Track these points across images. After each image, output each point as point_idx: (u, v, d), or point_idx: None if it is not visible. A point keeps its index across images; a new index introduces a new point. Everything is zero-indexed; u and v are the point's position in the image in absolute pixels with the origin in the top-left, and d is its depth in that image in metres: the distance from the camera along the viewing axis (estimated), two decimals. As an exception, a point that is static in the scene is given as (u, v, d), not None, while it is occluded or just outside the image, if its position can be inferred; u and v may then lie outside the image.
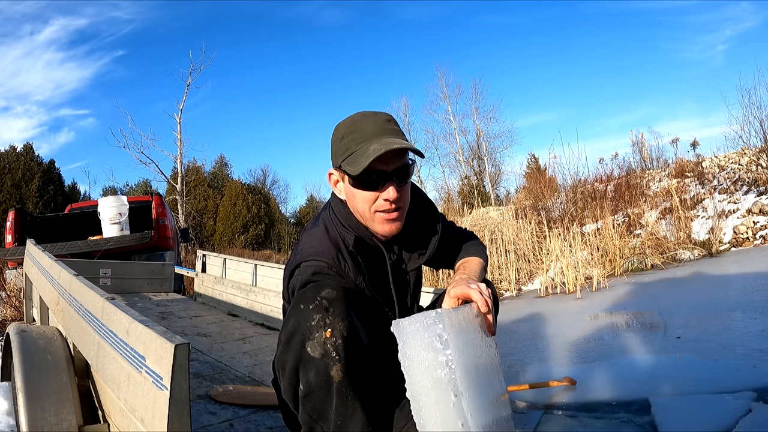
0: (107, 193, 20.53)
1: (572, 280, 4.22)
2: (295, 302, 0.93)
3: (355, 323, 0.91)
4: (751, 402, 1.46)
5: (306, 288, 0.96)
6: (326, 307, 0.89)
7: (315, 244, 1.06)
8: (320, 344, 0.87)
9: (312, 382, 0.89)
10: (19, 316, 4.09)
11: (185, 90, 16.24)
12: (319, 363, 0.88)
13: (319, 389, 0.89)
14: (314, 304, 0.89)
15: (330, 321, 0.88)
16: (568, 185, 7.64)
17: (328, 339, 0.87)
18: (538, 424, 1.61)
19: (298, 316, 0.91)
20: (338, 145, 1.03)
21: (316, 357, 0.87)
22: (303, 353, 0.89)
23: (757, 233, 4.86)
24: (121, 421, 0.96)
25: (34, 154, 17.96)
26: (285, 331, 0.94)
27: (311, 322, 0.88)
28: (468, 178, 19.76)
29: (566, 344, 2.47)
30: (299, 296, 0.94)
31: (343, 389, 0.88)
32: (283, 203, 25.35)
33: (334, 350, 0.87)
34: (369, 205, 1.03)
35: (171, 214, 5.45)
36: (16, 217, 4.73)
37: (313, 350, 0.88)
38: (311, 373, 0.89)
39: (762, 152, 6.02)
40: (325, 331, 0.87)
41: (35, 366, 1.28)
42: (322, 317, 0.88)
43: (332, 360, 0.87)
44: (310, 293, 0.92)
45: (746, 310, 2.47)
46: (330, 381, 0.88)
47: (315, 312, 0.89)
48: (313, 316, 0.88)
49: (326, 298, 0.90)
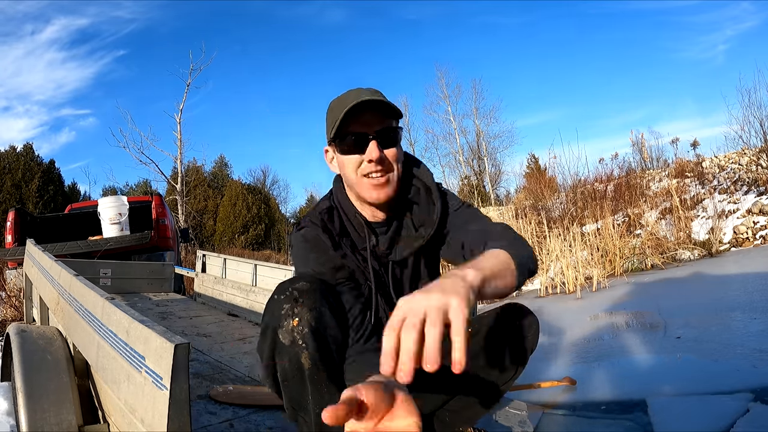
0: (107, 193, 20.54)
1: (572, 280, 4.22)
2: (273, 293, 0.96)
3: (324, 314, 0.93)
4: (751, 402, 1.46)
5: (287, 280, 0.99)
6: (296, 297, 0.92)
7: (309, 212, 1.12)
8: (288, 332, 0.90)
9: (287, 369, 0.92)
10: (19, 316, 4.09)
11: (185, 90, 16.29)
12: (290, 350, 0.91)
13: (293, 377, 0.92)
14: (285, 294, 0.93)
15: (298, 311, 0.91)
16: (568, 185, 7.64)
17: (295, 327, 0.90)
18: (538, 424, 1.61)
19: (271, 306, 0.94)
20: (327, 119, 1.04)
21: (287, 344, 0.90)
22: (276, 342, 0.92)
23: (757, 233, 4.87)
24: (121, 421, 0.96)
25: (34, 154, 17.97)
26: (263, 321, 0.97)
27: (281, 311, 0.91)
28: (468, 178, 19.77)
29: (566, 344, 2.47)
30: (277, 287, 0.97)
31: (314, 377, 0.91)
32: (283, 203, 25.39)
33: (301, 338, 0.90)
34: (355, 171, 1.00)
35: (171, 214, 5.45)
36: (16, 217, 4.73)
37: (283, 338, 0.91)
38: (284, 361, 0.92)
39: (762, 152, 6.02)
40: (293, 319, 0.90)
41: (35, 366, 1.28)
42: (291, 307, 0.91)
43: (300, 348, 0.90)
44: (286, 284, 0.96)
45: (746, 310, 2.46)
46: (301, 369, 0.91)
47: (285, 302, 0.92)
48: (283, 305, 0.92)
49: (297, 289, 0.93)
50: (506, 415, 1.68)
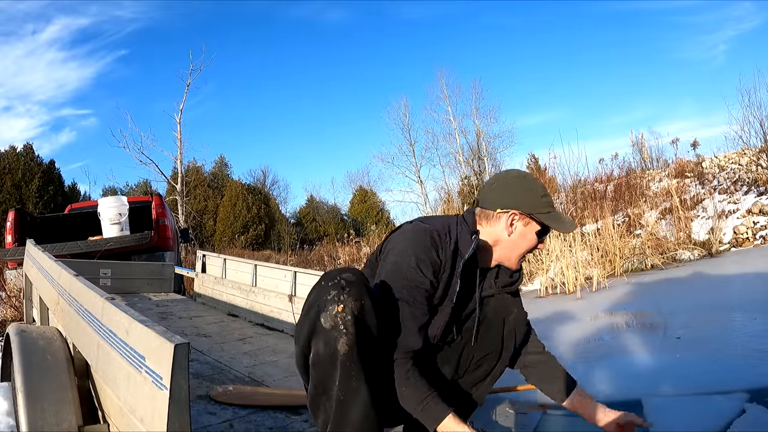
0: (107, 193, 20.52)
1: (572, 280, 4.22)
2: (320, 279, 1.04)
3: (367, 306, 1.00)
4: (751, 402, 1.46)
5: (335, 269, 1.06)
6: (343, 285, 0.98)
7: (433, 220, 1.23)
8: (331, 317, 0.97)
9: (320, 351, 0.98)
10: (19, 316, 4.09)
11: (185, 90, 16.27)
12: (329, 334, 0.97)
13: (326, 359, 0.98)
14: (333, 281, 1.00)
15: (344, 298, 0.97)
16: (568, 185, 7.63)
17: (339, 313, 0.97)
18: (538, 424, 1.61)
19: (318, 290, 1.01)
20: (536, 199, 1.22)
21: (327, 328, 0.97)
22: (317, 323, 0.98)
23: (757, 233, 4.86)
24: (121, 421, 0.96)
25: (34, 154, 17.95)
26: (306, 303, 1.04)
27: (327, 296, 0.98)
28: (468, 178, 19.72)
29: (566, 344, 2.47)
30: (324, 274, 1.06)
31: (347, 363, 0.96)
32: (283, 203, 25.26)
33: (342, 324, 0.96)
34: (526, 246, 1.24)
35: (171, 215, 5.45)
36: (16, 217, 4.73)
37: (324, 321, 0.97)
38: (321, 343, 0.98)
39: (762, 152, 6.02)
40: (338, 305, 0.97)
41: (35, 366, 1.28)
42: (337, 293, 0.98)
43: (340, 332, 0.96)
44: (334, 272, 1.03)
45: (746, 310, 2.46)
46: (335, 353, 0.96)
47: (333, 288, 0.98)
48: (330, 291, 0.98)
49: (345, 279, 1.00)
50: (506, 415, 1.68)
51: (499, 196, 1.24)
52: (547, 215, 1.22)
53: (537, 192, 1.23)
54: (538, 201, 1.22)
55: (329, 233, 21.17)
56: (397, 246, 1.16)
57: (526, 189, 1.23)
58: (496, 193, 1.25)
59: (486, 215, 1.24)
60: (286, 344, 2.56)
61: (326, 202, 25.52)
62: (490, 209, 1.24)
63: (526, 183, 1.25)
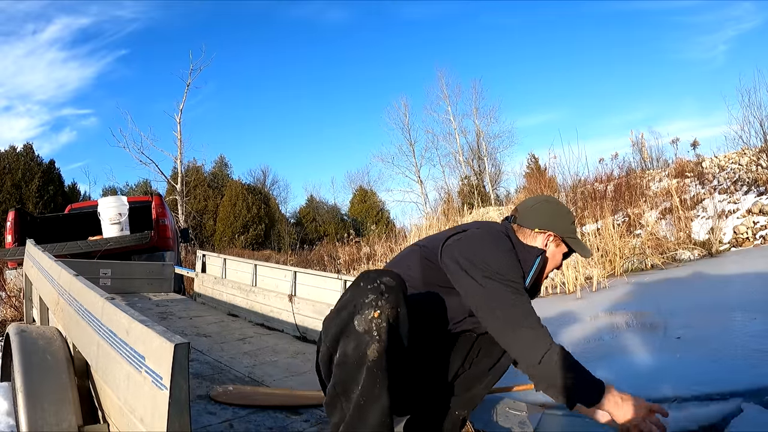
0: (107, 193, 20.51)
1: (572, 280, 4.22)
2: (357, 279, 1.04)
3: (402, 314, 1.00)
4: (751, 402, 1.46)
5: (373, 270, 1.05)
6: (382, 291, 0.99)
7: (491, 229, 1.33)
8: (366, 321, 0.97)
9: (348, 353, 0.98)
10: (19, 316, 4.09)
11: (185, 90, 16.28)
12: (360, 337, 0.97)
13: (353, 362, 0.97)
14: (373, 285, 0.99)
15: (382, 304, 0.97)
16: (568, 185, 7.63)
17: (375, 318, 0.96)
18: (538, 424, 1.61)
19: (355, 290, 1.01)
20: (568, 224, 1.37)
21: (359, 331, 0.97)
22: (349, 324, 0.98)
23: (757, 233, 4.86)
24: (121, 421, 0.96)
25: (34, 154, 17.95)
26: (340, 302, 1.04)
27: (365, 299, 0.98)
28: (468, 178, 19.75)
29: (566, 344, 2.45)
30: (363, 275, 1.05)
31: (374, 369, 0.96)
32: (283, 203, 25.25)
33: (377, 330, 0.96)
34: (554, 265, 1.39)
35: (171, 215, 5.45)
36: (16, 217, 4.72)
37: (358, 324, 0.97)
38: (350, 345, 0.98)
39: (762, 152, 6.02)
40: (375, 311, 0.97)
41: (35, 366, 1.28)
42: (376, 298, 0.98)
43: (372, 338, 0.96)
44: (373, 274, 1.02)
45: (746, 310, 2.46)
46: (364, 357, 0.96)
47: (371, 292, 0.98)
48: (368, 294, 0.98)
49: (385, 284, 0.99)
50: (506, 415, 1.68)
51: (538, 217, 1.35)
52: (574, 240, 1.37)
53: (570, 218, 1.39)
54: (570, 226, 1.37)
55: (329, 233, 21.18)
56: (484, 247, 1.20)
57: (562, 214, 1.38)
58: (536, 214, 1.36)
59: (523, 233, 1.36)
60: (286, 344, 2.56)
61: (326, 202, 25.55)
62: (527, 228, 1.35)
63: (562, 209, 1.40)
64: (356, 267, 8.04)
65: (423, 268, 1.23)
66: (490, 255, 1.16)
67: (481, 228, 1.29)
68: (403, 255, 1.33)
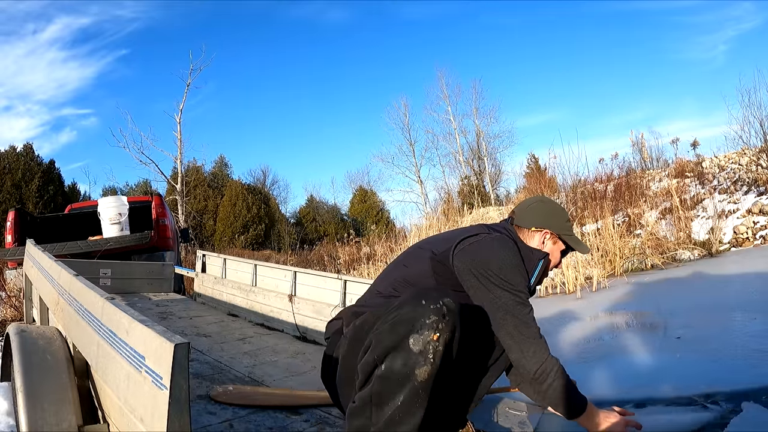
0: (107, 193, 20.51)
1: (572, 280, 4.22)
2: (418, 296, 1.02)
3: (456, 338, 1.00)
4: (751, 403, 1.46)
5: (431, 288, 1.08)
6: (444, 313, 0.98)
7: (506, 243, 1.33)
8: (424, 342, 0.96)
9: (395, 368, 0.97)
10: (19, 316, 4.09)
11: (185, 90, 16.28)
12: (413, 356, 0.96)
13: (397, 378, 0.97)
14: (435, 305, 0.99)
15: (442, 327, 0.97)
16: (568, 185, 7.64)
17: (433, 341, 0.96)
18: (538, 424, 1.61)
19: (417, 308, 1.00)
20: (563, 222, 1.43)
21: (414, 350, 0.96)
22: (403, 341, 0.97)
23: (757, 233, 4.86)
24: (121, 421, 0.96)
25: (34, 154, 17.95)
26: (397, 315, 1.02)
27: (426, 320, 0.97)
28: (468, 178, 19.74)
29: (566, 344, 2.47)
30: (424, 292, 1.03)
31: (419, 390, 0.96)
32: (283, 203, 25.25)
33: (432, 353, 0.96)
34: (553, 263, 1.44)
35: (171, 215, 5.45)
36: (16, 217, 4.72)
37: (414, 343, 0.96)
38: (399, 361, 0.97)
39: (762, 152, 6.02)
40: (434, 333, 0.96)
41: (35, 366, 1.28)
42: (438, 320, 0.97)
43: (426, 360, 0.96)
44: (435, 294, 1.01)
45: (746, 310, 2.46)
46: (411, 376, 0.96)
47: (434, 313, 0.98)
48: (430, 315, 0.98)
49: (447, 306, 0.99)
50: (506, 415, 1.68)
51: (534, 216, 1.41)
52: (570, 237, 1.43)
53: (564, 216, 1.44)
54: (565, 224, 1.43)
55: (329, 233, 21.18)
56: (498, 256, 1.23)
57: (556, 213, 1.43)
58: (532, 213, 1.42)
59: (522, 232, 1.41)
60: (286, 344, 2.56)
61: (326, 202, 25.55)
62: (525, 227, 1.41)
63: (557, 208, 1.46)
64: (356, 267, 8.04)
65: (436, 275, 1.26)
66: (501, 264, 1.21)
67: (491, 233, 1.32)
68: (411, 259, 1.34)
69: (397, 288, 1.27)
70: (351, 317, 1.26)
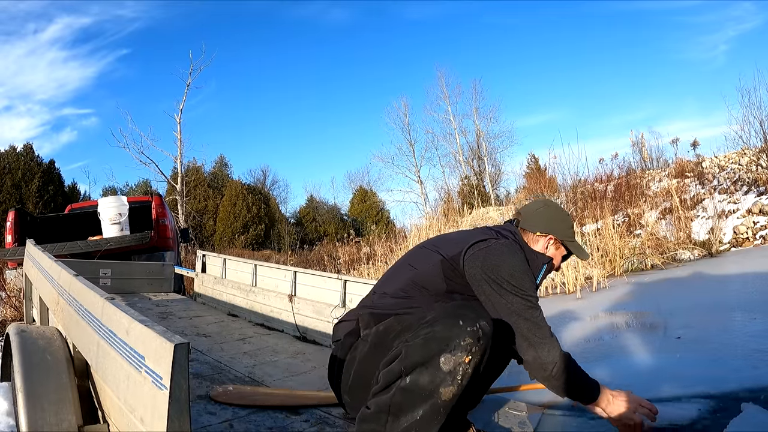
0: (107, 193, 20.51)
1: (572, 280, 4.22)
2: (455, 315, 1.02)
3: (485, 359, 1.02)
4: (751, 403, 1.46)
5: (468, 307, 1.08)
6: (479, 337, 0.99)
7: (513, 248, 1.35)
8: (455, 362, 0.97)
9: (420, 383, 0.98)
10: (19, 316, 4.09)
11: (185, 90, 16.28)
12: (442, 375, 0.97)
13: (421, 393, 0.98)
14: (472, 327, 0.99)
15: (475, 350, 0.98)
16: (568, 185, 7.64)
17: (464, 363, 0.97)
18: (538, 424, 1.61)
19: (453, 329, 1.00)
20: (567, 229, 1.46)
21: (443, 369, 0.97)
22: (434, 358, 0.98)
23: (757, 233, 4.86)
24: (121, 421, 0.96)
25: (34, 154, 17.95)
26: (431, 332, 1.02)
27: (461, 341, 0.98)
28: (468, 178, 19.74)
29: (566, 344, 2.47)
30: (462, 311, 1.04)
31: (441, 409, 0.98)
32: (283, 203, 25.24)
33: (461, 375, 0.97)
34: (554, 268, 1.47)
35: (171, 215, 5.45)
36: (16, 217, 4.72)
37: (445, 362, 0.97)
38: (426, 377, 0.98)
39: (762, 152, 6.02)
40: (467, 356, 0.97)
41: (35, 366, 1.28)
42: (472, 343, 0.99)
43: (453, 381, 0.97)
44: (472, 314, 1.02)
45: (746, 310, 2.46)
46: (434, 394, 0.97)
47: (470, 336, 0.99)
48: (466, 338, 0.98)
49: (483, 330, 1.00)
50: (506, 415, 1.68)
51: (540, 221, 1.43)
52: (572, 243, 1.45)
53: (568, 222, 1.46)
54: (568, 231, 1.46)
55: (329, 233, 21.18)
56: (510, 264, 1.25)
57: (561, 219, 1.46)
58: (537, 218, 1.44)
59: (527, 236, 1.44)
60: (286, 344, 2.56)
61: (326, 202, 25.54)
62: (530, 231, 1.43)
63: (561, 213, 1.48)
64: (356, 267, 8.04)
65: (447, 279, 1.27)
66: (512, 270, 1.24)
67: (499, 238, 1.35)
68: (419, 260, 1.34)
69: (408, 290, 1.27)
70: (369, 319, 1.25)
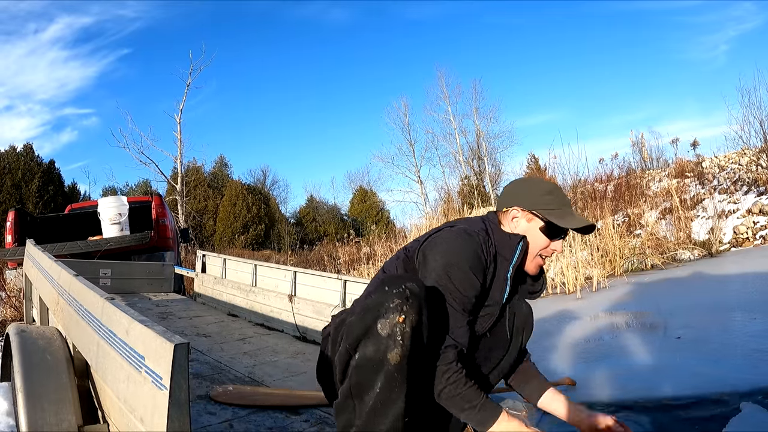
0: (107, 193, 20.51)
1: (572, 280, 4.22)
2: (382, 283, 1.03)
3: (424, 320, 1.00)
4: (752, 403, 1.46)
5: (396, 276, 1.07)
6: (407, 296, 0.98)
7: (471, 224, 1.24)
8: (390, 325, 0.97)
9: (368, 355, 0.98)
10: (19, 316, 4.09)
11: (185, 90, 16.28)
12: (383, 341, 0.97)
13: (371, 365, 0.98)
14: (398, 289, 0.99)
15: (406, 309, 0.97)
16: (568, 185, 7.63)
17: (399, 323, 0.97)
18: (538, 424, 1.61)
19: (381, 295, 1.00)
20: (536, 196, 1.23)
21: (382, 335, 0.97)
22: (371, 328, 0.98)
23: (757, 233, 4.86)
24: (121, 421, 0.96)
25: (34, 154, 17.96)
26: (365, 304, 1.04)
27: (390, 304, 0.98)
28: (468, 178, 19.75)
29: (566, 344, 2.47)
30: (388, 279, 1.04)
31: (394, 373, 0.97)
32: (283, 203, 25.26)
33: (400, 335, 0.97)
34: (538, 246, 1.24)
35: (171, 215, 5.45)
36: (16, 217, 4.72)
37: (382, 328, 0.97)
38: (371, 348, 0.98)
39: (762, 152, 6.02)
40: (400, 315, 0.97)
41: (35, 366, 1.28)
42: (401, 303, 0.97)
43: (395, 343, 0.97)
44: (398, 280, 1.02)
45: (746, 310, 2.46)
46: (383, 361, 0.97)
47: (397, 297, 0.98)
48: (394, 299, 0.98)
49: (410, 289, 0.99)
50: (506, 415, 1.67)
51: (504, 196, 1.30)
52: (551, 211, 1.21)
53: (539, 189, 1.25)
54: (540, 198, 1.23)
55: (329, 233, 21.18)
56: (444, 251, 1.14)
57: (530, 186, 1.28)
58: (504, 194, 1.30)
59: (499, 217, 1.28)
60: (286, 344, 2.56)
61: (326, 202, 25.55)
62: (499, 210, 1.29)
63: (533, 181, 1.31)
64: (356, 267, 8.04)
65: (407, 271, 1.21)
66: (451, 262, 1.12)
67: (456, 227, 1.21)
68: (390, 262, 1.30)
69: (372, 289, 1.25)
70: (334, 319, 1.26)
